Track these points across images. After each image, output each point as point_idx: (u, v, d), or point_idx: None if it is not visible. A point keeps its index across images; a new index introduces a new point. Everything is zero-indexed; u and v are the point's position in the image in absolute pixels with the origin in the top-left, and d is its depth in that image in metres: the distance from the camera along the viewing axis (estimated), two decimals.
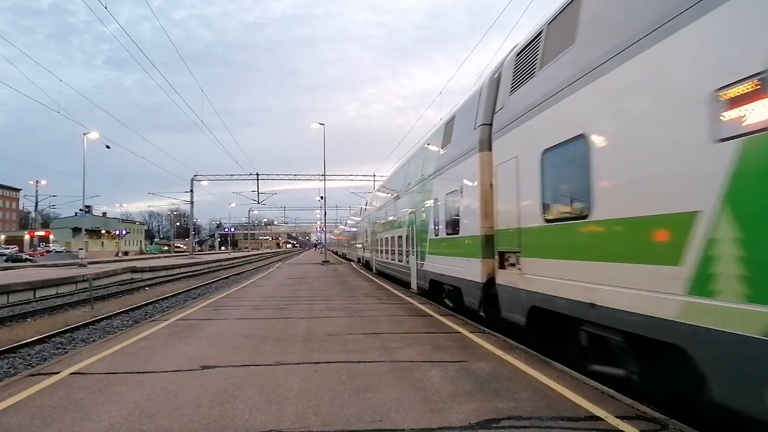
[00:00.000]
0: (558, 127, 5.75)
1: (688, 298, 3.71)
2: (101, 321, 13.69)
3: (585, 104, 5.22)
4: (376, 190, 30.74)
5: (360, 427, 3.85)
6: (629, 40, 4.47)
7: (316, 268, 30.30)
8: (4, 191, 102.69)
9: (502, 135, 7.52)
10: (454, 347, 6.74)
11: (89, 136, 35.62)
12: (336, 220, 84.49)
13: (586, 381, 5.03)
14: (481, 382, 5.02)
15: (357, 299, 12.92)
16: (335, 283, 18.93)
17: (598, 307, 4.89)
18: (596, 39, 5.11)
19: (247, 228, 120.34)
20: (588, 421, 3.90)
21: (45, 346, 10.45)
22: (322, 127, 35.83)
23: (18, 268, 34.45)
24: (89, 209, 74.48)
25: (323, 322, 9.03)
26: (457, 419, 3.97)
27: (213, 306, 11.85)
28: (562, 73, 5.70)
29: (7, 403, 4.54)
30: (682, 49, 3.85)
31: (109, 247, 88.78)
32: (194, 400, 4.55)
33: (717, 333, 3.43)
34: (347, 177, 53.21)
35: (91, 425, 3.96)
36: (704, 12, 3.63)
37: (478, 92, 9.00)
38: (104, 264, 37.46)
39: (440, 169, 11.20)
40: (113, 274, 28.86)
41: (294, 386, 4.95)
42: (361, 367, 5.73)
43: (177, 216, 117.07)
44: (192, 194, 54.75)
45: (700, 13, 3.67)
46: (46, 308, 16.33)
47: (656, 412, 4.08)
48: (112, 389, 4.91)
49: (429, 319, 9.41)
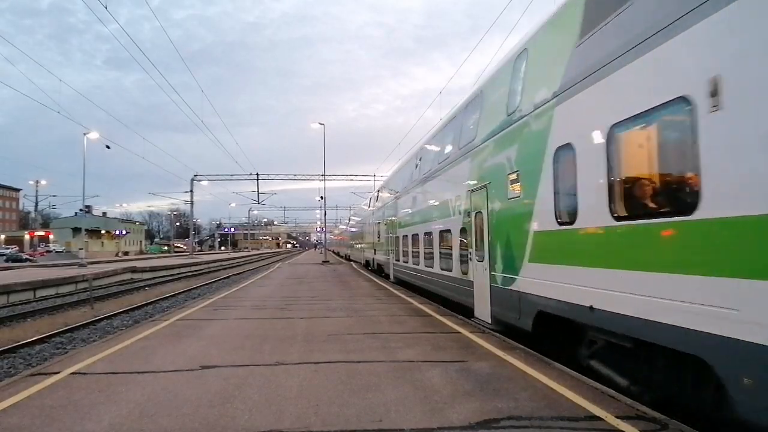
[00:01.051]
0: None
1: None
2: (101, 321, 13.69)
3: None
4: (392, 173, 21.64)
5: (360, 427, 3.85)
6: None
7: (316, 269, 30.30)
8: (4, 191, 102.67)
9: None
10: (454, 347, 6.74)
11: (89, 136, 35.63)
12: (336, 220, 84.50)
13: (586, 381, 5.02)
14: (481, 382, 5.02)
15: (357, 299, 12.92)
16: (335, 283, 18.93)
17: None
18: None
19: (247, 228, 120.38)
20: (588, 421, 3.90)
21: (45, 346, 10.45)
22: (322, 127, 35.83)
23: (18, 268, 34.44)
24: (89, 209, 74.51)
25: (323, 322, 9.03)
26: (457, 419, 3.97)
27: (213, 306, 11.85)
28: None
29: (7, 403, 4.54)
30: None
31: (109, 247, 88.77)
32: (194, 400, 4.55)
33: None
34: (347, 177, 53.22)
35: (91, 425, 3.96)
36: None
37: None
38: (104, 264, 37.45)
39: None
40: (113, 274, 28.85)
41: (294, 386, 4.95)
42: (361, 367, 5.73)
43: (177, 216, 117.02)
44: (192, 194, 54.79)
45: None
46: (46, 308, 16.33)
47: (656, 412, 4.08)
48: (112, 389, 4.91)
49: (429, 319, 9.41)
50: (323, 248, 55.79)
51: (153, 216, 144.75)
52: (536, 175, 6.19)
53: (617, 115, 4.65)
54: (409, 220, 15.34)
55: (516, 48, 7.42)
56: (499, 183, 7.52)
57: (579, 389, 4.70)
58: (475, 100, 9.27)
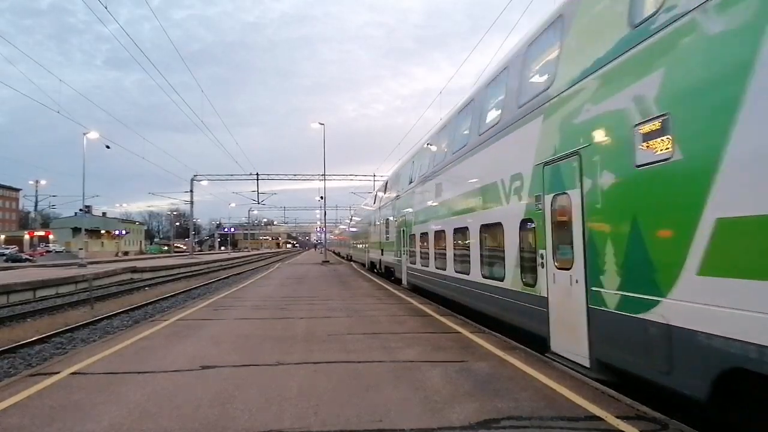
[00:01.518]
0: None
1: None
2: (101, 321, 13.68)
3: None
4: (406, 159, 17.44)
5: (360, 427, 3.85)
6: None
7: (316, 269, 30.30)
8: (4, 191, 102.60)
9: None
10: (454, 347, 6.74)
11: (89, 136, 35.64)
12: (336, 220, 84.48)
13: (586, 381, 5.02)
14: (481, 382, 5.02)
15: (357, 299, 12.92)
16: (335, 283, 18.92)
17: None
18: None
19: (247, 228, 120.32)
20: (588, 421, 3.90)
21: (45, 346, 10.45)
22: (322, 126, 35.81)
23: (18, 268, 34.42)
24: (89, 209, 74.48)
25: (323, 322, 9.02)
26: (457, 419, 3.97)
27: (213, 306, 11.85)
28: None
29: (7, 403, 4.54)
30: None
31: (109, 247, 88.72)
32: (194, 400, 4.55)
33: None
34: (347, 177, 53.24)
35: (91, 425, 3.95)
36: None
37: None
38: (104, 264, 37.44)
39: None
40: (113, 274, 28.85)
41: (294, 386, 4.95)
42: (361, 367, 5.73)
43: (177, 216, 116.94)
44: (192, 194, 54.74)
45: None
46: (46, 308, 16.32)
47: (656, 412, 4.08)
48: (112, 389, 4.91)
49: (429, 319, 9.41)
50: (323, 248, 55.77)
51: (153, 216, 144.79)
52: (725, 112, 3.50)
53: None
54: (433, 214, 12.32)
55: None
56: (609, 145, 4.95)
57: (579, 389, 4.70)
58: (553, 25, 6.35)
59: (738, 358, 3.31)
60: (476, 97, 9.44)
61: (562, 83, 5.90)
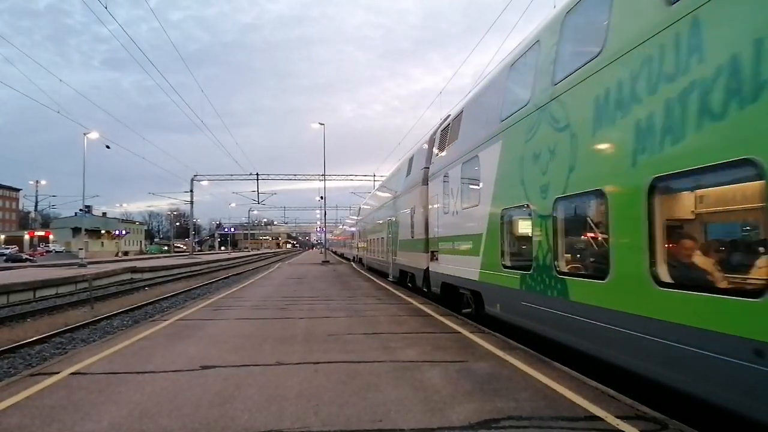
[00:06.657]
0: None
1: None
2: (101, 321, 13.68)
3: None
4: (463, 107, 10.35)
5: (360, 427, 3.85)
6: None
7: (316, 269, 30.30)
8: (4, 191, 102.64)
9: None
10: (454, 347, 6.74)
11: (89, 136, 35.69)
12: (336, 220, 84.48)
13: (586, 381, 5.02)
14: (481, 382, 5.02)
15: (357, 299, 12.92)
16: (335, 283, 18.93)
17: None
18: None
19: (247, 228, 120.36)
20: (588, 421, 3.90)
21: (45, 346, 10.45)
22: (322, 127, 35.83)
23: (18, 268, 34.42)
24: (89, 209, 74.40)
25: (323, 322, 9.02)
26: (457, 419, 3.97)
27: (213, 306, 11.85)
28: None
29: (7, 403, 4.53)
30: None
31: (109, 247, 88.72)
32: (194, 400, 4.55)
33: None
34: (347, 177, 53.30)
35: (91, 425, 3.95)
36: None
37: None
38: (104, 264, 37.41)
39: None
40: (113, 274, 28.84)
41: (294, 386, 4.95)
42: (361, 367, 5.73)
43: (177, 216, 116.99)
44: (192, 194, 54.80)
45: None
46: (46, 308, 16.31)
47: (656, 412, 4.08)
48: (112, 389, 4.91)
49: (429, 319, 9.41)
50: (323, 248, 55.79)
51: (153, 216, 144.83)
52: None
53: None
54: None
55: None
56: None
57: (579, 389, 4.70)
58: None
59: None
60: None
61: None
